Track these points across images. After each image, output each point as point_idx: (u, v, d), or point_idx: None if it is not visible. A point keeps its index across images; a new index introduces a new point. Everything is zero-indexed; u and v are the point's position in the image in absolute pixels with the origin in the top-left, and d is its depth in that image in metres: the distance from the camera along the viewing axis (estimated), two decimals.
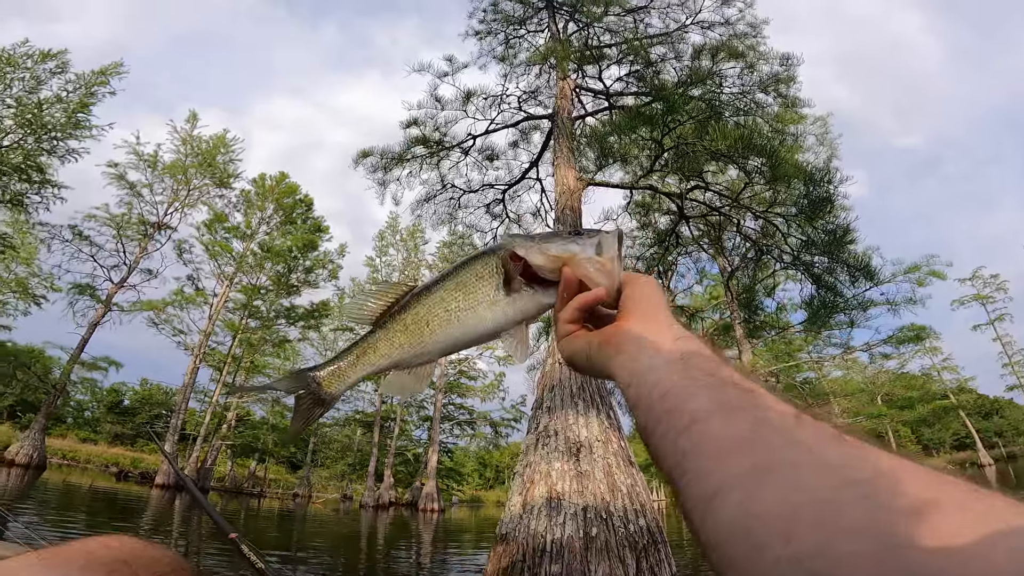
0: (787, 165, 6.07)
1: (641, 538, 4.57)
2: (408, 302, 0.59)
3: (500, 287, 0.57)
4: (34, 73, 17.43)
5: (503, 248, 0.58)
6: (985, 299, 37.59)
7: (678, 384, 0.38)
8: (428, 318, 0.57)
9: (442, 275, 0.60)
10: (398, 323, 0.58)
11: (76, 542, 0.67)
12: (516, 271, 0.57)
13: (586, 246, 0.55)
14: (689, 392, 0.37)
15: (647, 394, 0.39)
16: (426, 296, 0.58)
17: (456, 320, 0.56)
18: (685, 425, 0.35)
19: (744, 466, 0.31)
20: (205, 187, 24.53)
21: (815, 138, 18.66)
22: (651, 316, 0.47)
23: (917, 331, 13.45)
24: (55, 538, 6.09)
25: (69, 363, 20.93)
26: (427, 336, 0.57)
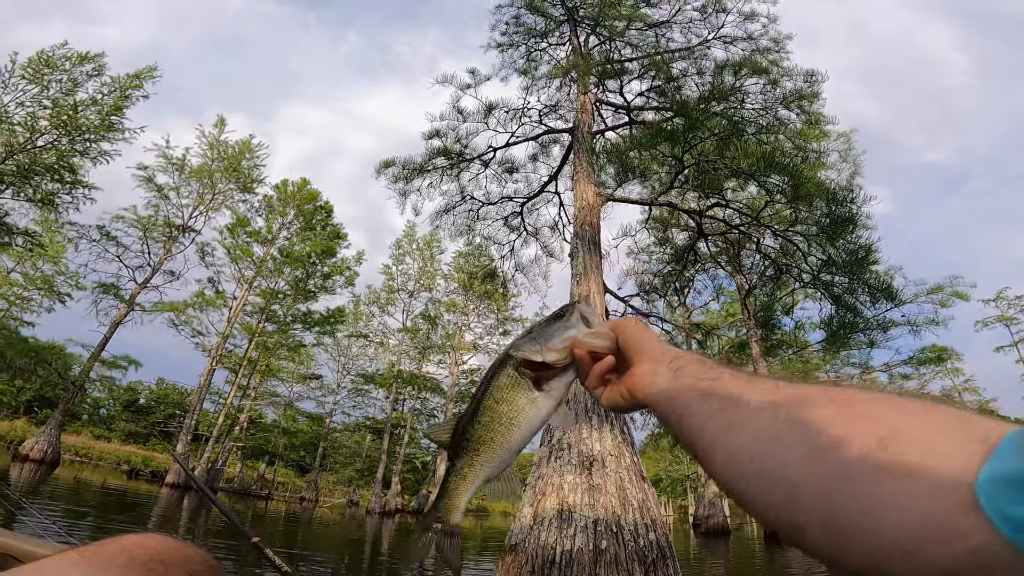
0: (809, 184, 6.02)
1: (650, 552, 4.53)
2: (467, 429, 0.68)
3: (531, 388, 0.65)
4: (71, 75, 17.83)
5: (512, 359, 0.66)
6: (1009, 320, 36.67)
7: (675, 395, 0.54)
8: (492, 436, 0.65)
9: (478, 398, 0.68)
10: (471, 448, 0.67)
11: (113, 540, 0.69)
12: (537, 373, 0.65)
13: (579, 325, 0.65)
14: (681, 397, 0.53)
15: (663, 406, 0.55)
16: (481, 419, 0.66)
17: (514, 427, 0.65)
18: (683, 416, 0.51)
19: (717, 427, 0.47)
20: (229, 191, 24.95)
21: (838, 154, 18.50)
22: (648, 353, 0.61)
23: (939, 352, 13.21)
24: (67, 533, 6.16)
25: (89, 360, 21.28)
26: (497, 449, 0.66)
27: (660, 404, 0.56)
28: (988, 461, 0.29)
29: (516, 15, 10.72)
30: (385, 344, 32.38)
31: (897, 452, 0.33)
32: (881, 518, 0.32)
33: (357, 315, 32.25)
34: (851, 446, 0.36)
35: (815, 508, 0.36)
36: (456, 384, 29.41)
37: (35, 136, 16.91)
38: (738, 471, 0.43)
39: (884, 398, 0.39)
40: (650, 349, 0.61)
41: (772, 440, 0.41)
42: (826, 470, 0.36)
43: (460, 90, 9.85)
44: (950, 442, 0.32)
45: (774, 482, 0.39)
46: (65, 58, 17.73)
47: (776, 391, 0.45)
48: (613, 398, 0.64)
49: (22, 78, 16.95)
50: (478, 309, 30.70)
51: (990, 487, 0.28)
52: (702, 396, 0.50)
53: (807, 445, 0.38)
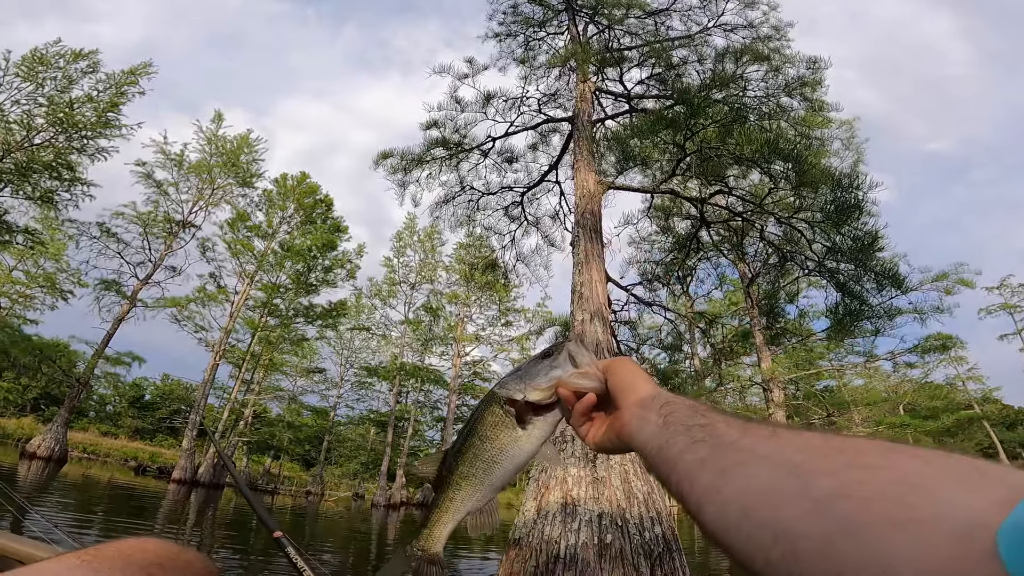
0: (814, 170, 5.93)
1: (656, 546, 4.49)
2: (452, 464, 0.70)
3: (515, 426, 0.66)
4: (66, 72, 17.77)
5: (498, 397, 0.67)
6: (1013, 308, 36.53)
7: (663, 441, 0.51)
8: (474, 472, 0.67)
9: (464, 434, 0.69)
10: (454, 483, 0.68)
11: (112, 544, 0.69)
12: (521, 411, 0.66)
13: (565, 365, 0.65)
14: (670, 443, 0.50)
15: (651, 454, 0.53)
16: (464, 455, 0.68)
17: (496, 464, 0.66)
18: (673, 464, 0.48)
19: (708, 476, 0.44)
20: (229, 186, 24.92)
21: (841, 142, 18.34)
22: (636, 397, 0.59)
23: (943, 340, 13.11)
24: (74, 532, 6.19)
25: (93, 357, 21.36)
26: (479, 484, 0.67)
27: (647, 450, 0.54)
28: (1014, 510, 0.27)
29: (514, 4, 10.58)
30: (387, 337, 32.44)
31: (911, 501, 0.31)
32: (890, 568, 0.30)
33: (359, 308, 32.27)
34: (859, 496, 0.33)
35: (818, 563, 0.33)
36: (459, 376, 29.45)
37: (32, 134, 16.85)
38: (731, 523, 0.40)
39: (894, 447, 0.36)
40: (640, 391, 0.59)
41: (770, 491, 0.38)
42: (831, 522, 0.33)
43: (458, 80, 9.75)
44: (969, 490, 0.30)
45: (772, 536, 0.36)
46: (59, 55, 17.65)
47: (773, 438, 0.42)
48: (601, 440, 0.63)
49: (16, 76, 16.88)
50: (480, 300, 30.67)
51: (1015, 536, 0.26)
52: (693, 443, 0.48)
53: (810, 496, 0.35)
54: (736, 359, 17.59)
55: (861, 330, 8.41)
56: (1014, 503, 0.27)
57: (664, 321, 10.98)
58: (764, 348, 15.10)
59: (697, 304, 19.11)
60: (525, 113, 10.16)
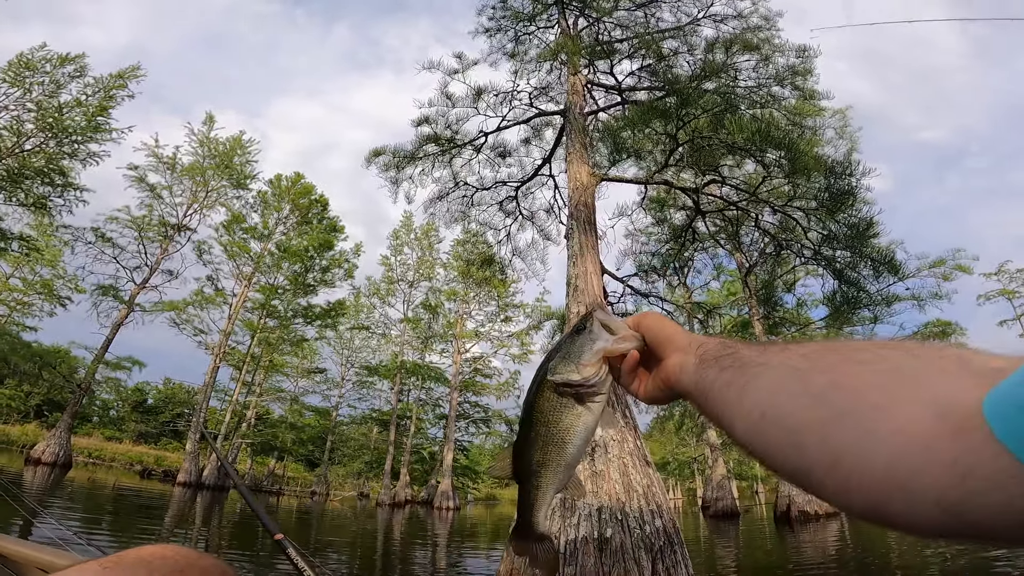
0: (806, 158, 5.90)
1: (657, 539, 4.48)
2: (526, 455, 0.71)
3: (575, 405, 0.67)
4: (53, 77, 17.64)
5: (549, 384, 0.68)
6: (1011, 294, 36.51)
7: (700, 375, 0.55)
8: (548, 457, 0.69)
9: (527, 424, 0.70)
10: (534, 472, 0.70)
11: (132, 551, 0.70)
12: (578, 390, 0.67)
13: (603, 334, 0.67)
14: (705, 376, 0.54)
15: (693, 392, 0.57)
16: (535, 444, 0.69)
17: (567, 444, 0.68)
18: (708, 393, 0.53)
19: (734, 393, 0.48)
20: (223, 188, 24.82)
21: (834, 131, 18.29)
22: (674, 345, 0.62)
23: (943, 327, 13.13)
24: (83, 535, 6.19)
25: (94, 363, 21.35)
26: (558, 467, 0.69)
27: (690, 389, 0.58)
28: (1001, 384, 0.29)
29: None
30: (387, 335, 32.43)
31: (894, 385, 0.34)
32: (874, 448, 0.33)
33: (358, 307, 32.25)
34: (850, 385, 0.37)
35: (817, 449, 0.37)
36: (460, 373, 29.46)
37: (22, 140, 16.76)
38: (753, 429, 0.44)
39: (888, 343, 0.39)
40: (677, 339, 0.62)
41: (778, 393, 0.42)
42: (826, 411, 0.37)
43: (448, 76, 9.69)
44: (951, 376, 0.33)
45: (783, 431, 0.40)
46: (45, 60, 17.52)
47: (784, 351, 0.47)
48: (652, 392, 0.66)
49: (3, 81, 16.75)
50: (478, 296, 30.65)
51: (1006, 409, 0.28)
52: (722, 371, 0.52)
53: (810, 392, 0.39)
54: None
55: (860, 318, 8.40)
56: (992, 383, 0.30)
57: (662, 312, 10.97)
58: (763, 338, 15.09)
59: (695, 295, 19.10)
60: (517, 107, 10.13)
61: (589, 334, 0.67)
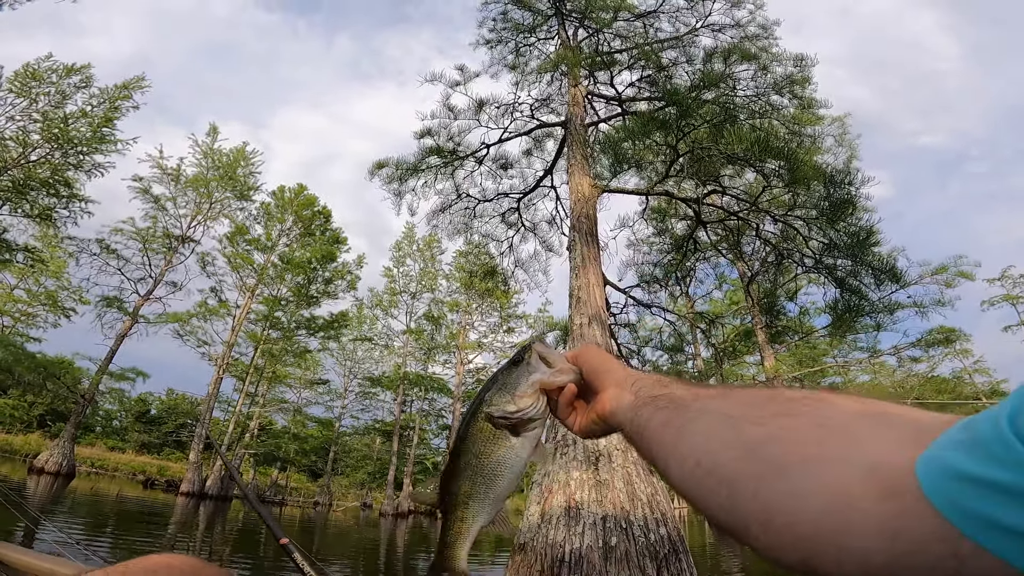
0: (806, 167, 5.95)
1: (662, 547, 4.48)
2: (453, 485, 0.69)
3: (509, 437, 0.66)
4: (59, 88, 17.75)
5: (484, 415, 0.67)
6: (1015, 299, 36.34)
7: (635, 412, 0.55)
8: (476, 489, 0.67)
9: (457, 454, 0.69)
10: (460, 503, 0.68)
11: (138, 561, 0.70)
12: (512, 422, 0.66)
13: (540, 366, 0.66)
14: (640, 413, 0.54)
15: (628, 428, 0.57)
16: (463, 474, 0.68)
17: (497, 477, 0.67)
18: (643, 431, 0.53)
19: (670, 435, 0.48)
20: (226, 200, 24.97)
21: (833, 139, 18.35)
22: (611, 379, 0.62)
23: (947, 333, 13.06)
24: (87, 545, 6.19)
25: (98, 374, 21.41)
26: (485, 499, 0.68)
27: (624, 425, 0.58)
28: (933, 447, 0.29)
29: (504, 11, 10.62)
30: (390, 347, 32.42)
31: (827, 441, 0.35)
32: (804, 503, 0.33)
33: (361, 319, 32.28)
34: (782, 439, 0.37)
35: (751, 503, 0.37)
36: (462, 383, 29.40)
37: (28, 151, 16.88)
38: (688, 475, 0.44)
39: (822, 396, 0.40)
40: (613, 375, 0.63)
41: (713, 441, 0.42)
42: (758, 464, 0.37)
43: (450, 88, 9.78)
44: (877, 431, 0.34)
45: (718, 481, 0.40)
46: (51, 70, 17.65)
47: (720, 397, 0.47)
48: (586, 425, 0.65)
49: (10, 91, 16.89)
50: (481, 308, 30.67)
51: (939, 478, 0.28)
52: (658, 410, 0.52)
53: (744, 443, 0.39)
54: (739, 358, 17.56)
55: (862, 325, 8.40)
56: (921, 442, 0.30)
57: (664, 323, 10.97)
58: (766, 346, 15.07)
59: (697, 304, 19.09)
60: (518, 119, 10.20)
61: (526, 366, 0.67)
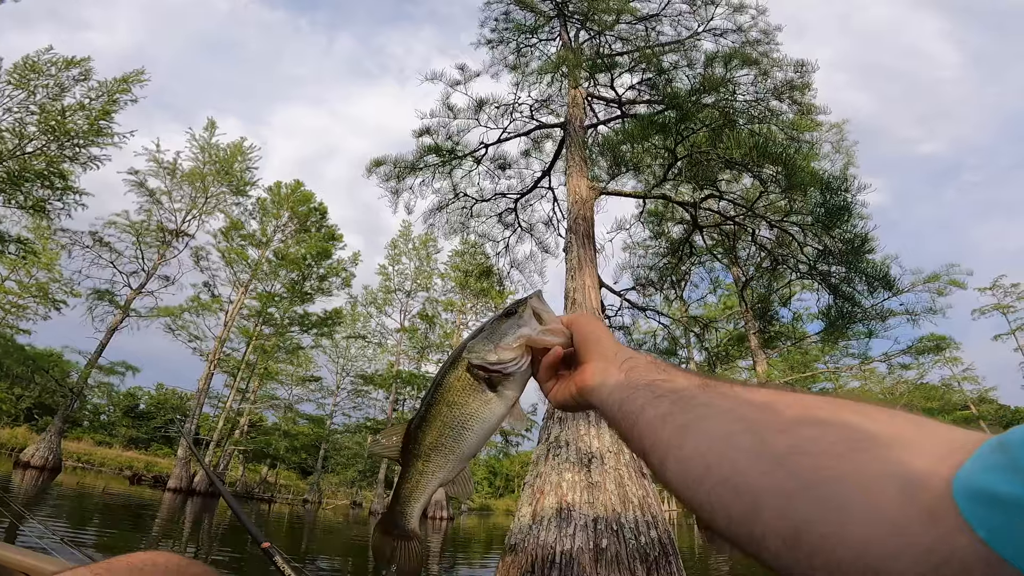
0: (803, 173, 5.97)
1: (652, 550, 4.48)
2: (418, 432, 0.65)
3: (485, 390, 0.63)
4: (58, 80, 17.68)
5: (464, 361, 0.63)
6: (1006, 308, 36.73)
7: (626, 395, 0.51)
8: (443, 441, 0.63)
9: (428, 402, 0.65)
10: (422, 455, 0.64)
11: (123, 558, 0.69)
12: (491, 373, 0.63)
13: (531, 322, 0.63)
14: (632, 398, 0.50)
15: (612, 410, 0.53)
16: (431, 424, 0.64)
17: (466, 431, 0.63)
18: (635, 419, 0.48)
19: (670, 431, 0.44)
20: (222, 195, 24.86)
21: (831, 145, 18.49)
22: (599, 351, 0.58)
23: (937, 341, 13.16)
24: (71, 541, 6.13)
25: (87, 367, 21.21)
26: (450, 453, 0.64)
27: (608, 405, 0.53)
28: (967, 466, 0.28)
29: (506, 11, 10.64)
30: (383, 345, 32.33)
31: (857, 456, 0.32)
32: (844, 529, 0.31)
33: (355, 316, 32.18)
34: (813, 451, 0.34)
35: (777, 520, 0.34)
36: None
37: (24, 142, 16.76)
38: (693, 479, 0.41)
39: (842, 403, 0.37)
40: (602, 347, 0.59)
41: (730, 447, 0.39)
42: (787, 479, 0.34)
43: (450, 87, 9.78)
44: (913, 443, 0.32)
45: (734, 491, 0.37)
46: (51, 63, 17.57)
47: (730, 394, 0.43)
48: (562, 395, 0.61)
49: (8, 83, 16.79)
50: (476, 308, 30.65)
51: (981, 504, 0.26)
52: (655, 398, 0.48)
53: (769, 453, 0.36)
54: (732, 363, 17.62)
55: (855, 332, 8.46)
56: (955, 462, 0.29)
57: (659, 326, 11.00)
58: (759, 351, 15.14)
59: (692, 308, 19.15)
60: (518, 119, 10.20)
61: (518, 319, 0.64)
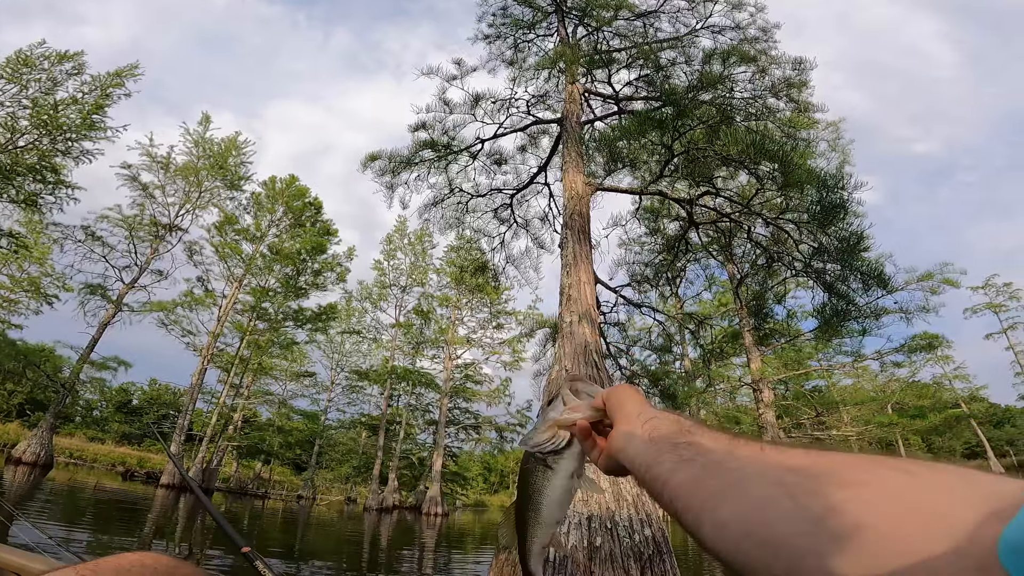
0: (799, 170, 5.96)
1: (646, 548, 4.47)
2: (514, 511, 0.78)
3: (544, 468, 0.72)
4: (51, 74, 17.59)
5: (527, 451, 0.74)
6: (998, 308, 37.00)
7: (651, 459, 0.51)
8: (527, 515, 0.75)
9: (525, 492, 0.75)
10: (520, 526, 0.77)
11: (111, 559, 0.69)
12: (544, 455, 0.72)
13: (558, 406, 0.72)
14: (659, 460, 0.50)
15: (640, 471, 0.53)
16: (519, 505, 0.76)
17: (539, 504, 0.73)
18: (664, 482, 0.48)
19: (704, 495, 0.43)
20: (216, 189, 24.71)
21: (827, 143, 18.52)
22: (623, 415, 0.60)
23: (929, 339, 13.20)
24: (62, 539, 6.09)
25: (79, 362, 21.07)
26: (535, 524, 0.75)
27: (635, 467, 0.55)
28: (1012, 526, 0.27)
29: (503, 6, 10.58)
30: (378, 340, 32.28)
31: (900, 515, 0.32)
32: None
33: (349, 311, 32.10)
34: (851, 512, 0.34)
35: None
36: (451, 379, 29.34)
37: (16, 136, 16.62)
38: (730, 542, 0.40)
39: (878, 460, 0.37)
40: (625, 410, 0.61)
41: (767, 511, 0.39)
42: (829, 541, 0.34)
43: (446, 82, 9.72)
44: (957, 500, 0.31)
45: (774, 554, 0.36)
46: (44, 57, 17.47)
47: (761, 456, 0.43)
48: (601, 462, 0.65)
49: (1, 77, 16.63)
50: (471, 303, 30.61)
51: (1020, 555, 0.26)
52: (683, 461, 0.48)
53: (809, 515, 0.36)
54: (726, 360, 17.68)
55: (848, 330, 8.47)
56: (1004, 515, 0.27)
57: (654, 323, 11.00)
58: (753, 349, 15.17)
59: (687, 305, 19.18)
60: (514, 115, 10.16)
61: (551, 406, 0.73)
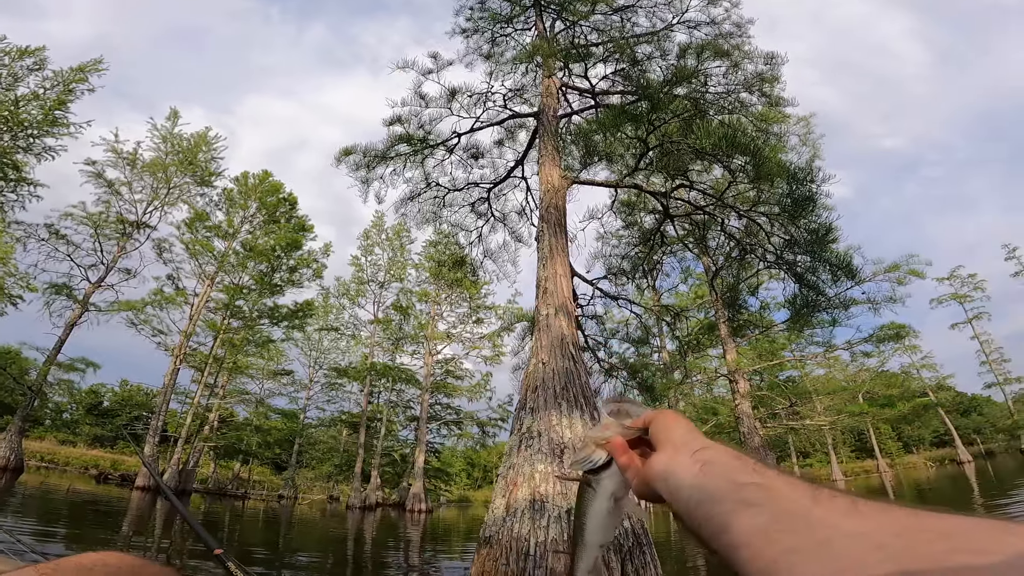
0: (770, 164, 6.07)
1: (626, 540, 4.52)
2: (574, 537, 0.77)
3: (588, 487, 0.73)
4: (11, 70, 17.02)
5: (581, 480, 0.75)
6: (962, 298, 38.21)
7: (705, 495, 0.45)
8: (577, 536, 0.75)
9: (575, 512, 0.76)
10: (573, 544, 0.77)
11: (72, 558, 0.67)
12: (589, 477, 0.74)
13: (596, 427, 0.73)
14: (714, 498, 0.43)
15: (684, 506, 0.46)
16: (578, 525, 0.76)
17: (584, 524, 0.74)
18: (723, 526, 0.41)
19: (780, 551, 0.36)
20: (186, 185, 24.13)
21: (798, 138, 18.89)
22: (667, 438, 0.55)
23: (897, 329, 13.59)
24: (33, 544, 5.93)
25: (45, 364, 20.45)
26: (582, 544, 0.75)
27: (681, 500, 0.47)
28: None
29: (481, 0, 10.50)
30: (357, 337, 32.00)
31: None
32: None
33: (327, 308, 31.74)
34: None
35: None
36: (431, 374, 29.24)
37: None
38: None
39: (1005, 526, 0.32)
40: (671, 434, 0.55)
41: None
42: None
43: (422, 76, 9.62)
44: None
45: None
46: (4, 52, 16.83)
47: (855, 514, 0.37)
48: (636, 485, 0.60)
49: None
50: (450, 298, 30.52)
51: None
52: (748, 507, 0.41)
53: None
54: (703, 351, 17.94)
55: (819, 320, 8.68)
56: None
57: (631, 315, 11.10)
58: (729, 340, 15.45)
59: (664, 297, 19.42)
60: (491, 109, 10.12)
61: (595, 425, 0.75)
